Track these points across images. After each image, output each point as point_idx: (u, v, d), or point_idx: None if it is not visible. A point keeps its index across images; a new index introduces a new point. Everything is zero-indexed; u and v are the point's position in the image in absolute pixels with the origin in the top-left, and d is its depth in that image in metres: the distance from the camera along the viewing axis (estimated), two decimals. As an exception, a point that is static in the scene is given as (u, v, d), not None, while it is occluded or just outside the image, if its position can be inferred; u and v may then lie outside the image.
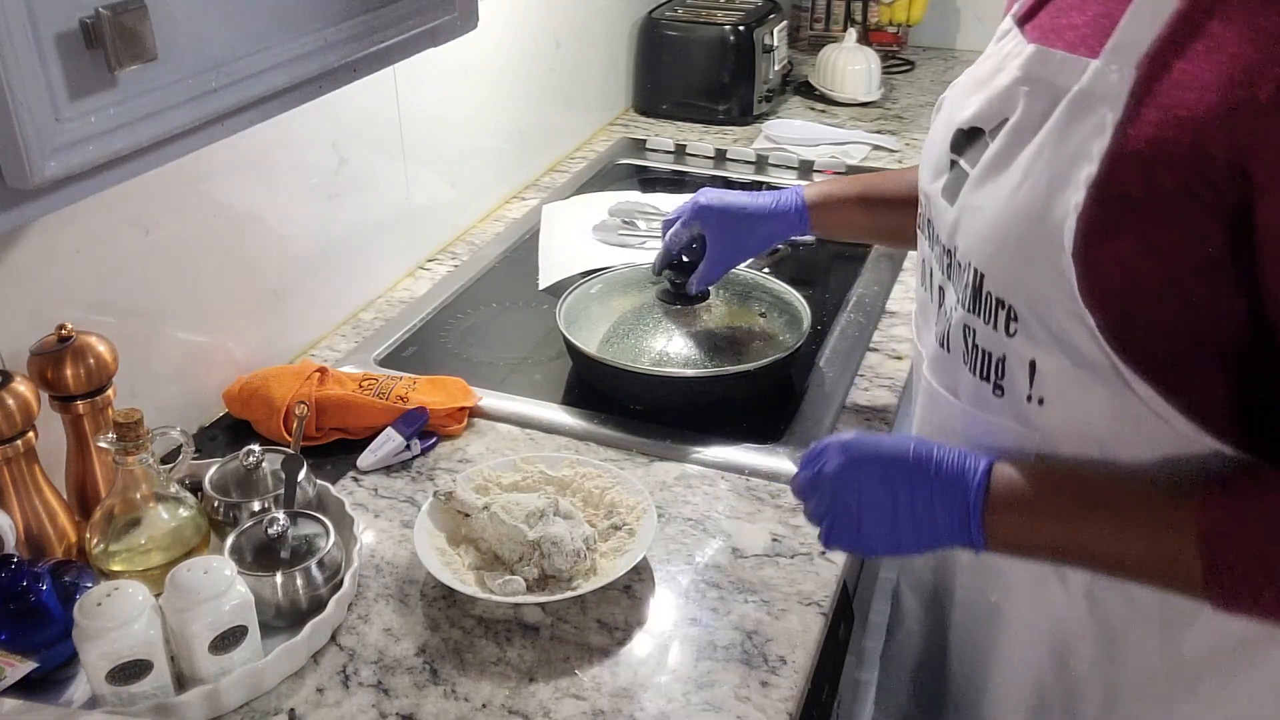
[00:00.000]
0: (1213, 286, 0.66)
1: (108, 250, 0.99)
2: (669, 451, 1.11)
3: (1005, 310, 0.74)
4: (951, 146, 0.82)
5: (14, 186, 0.59)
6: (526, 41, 1.74)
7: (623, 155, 1.97)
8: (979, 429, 0.80)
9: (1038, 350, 0.73)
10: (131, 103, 0.63)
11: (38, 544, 0.87)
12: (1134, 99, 0.66)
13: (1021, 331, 0.73)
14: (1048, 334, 0.72)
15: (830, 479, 0.79)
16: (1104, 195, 0.67)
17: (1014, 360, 0.75)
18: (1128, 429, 0.71)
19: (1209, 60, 0.63)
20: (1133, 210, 0.66)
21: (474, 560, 0.94)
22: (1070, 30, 0.73)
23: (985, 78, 0.81)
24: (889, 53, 2.48)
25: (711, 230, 1.19)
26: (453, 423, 1.14)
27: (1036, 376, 0.74)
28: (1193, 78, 0.64)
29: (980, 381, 0.79)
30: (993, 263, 0.75)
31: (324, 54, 0.78)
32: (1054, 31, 0.75)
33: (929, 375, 0.87)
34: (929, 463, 0.76)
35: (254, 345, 1.21)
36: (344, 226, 1.35)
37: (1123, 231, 0.67)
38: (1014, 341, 0.74)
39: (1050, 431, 0.75)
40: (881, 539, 0.78)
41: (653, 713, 0.81)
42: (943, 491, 0.75)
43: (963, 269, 0.78)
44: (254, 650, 0.82)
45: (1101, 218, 0.67)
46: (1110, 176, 0.66)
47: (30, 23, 0.56)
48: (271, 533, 0.88)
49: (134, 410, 0.83)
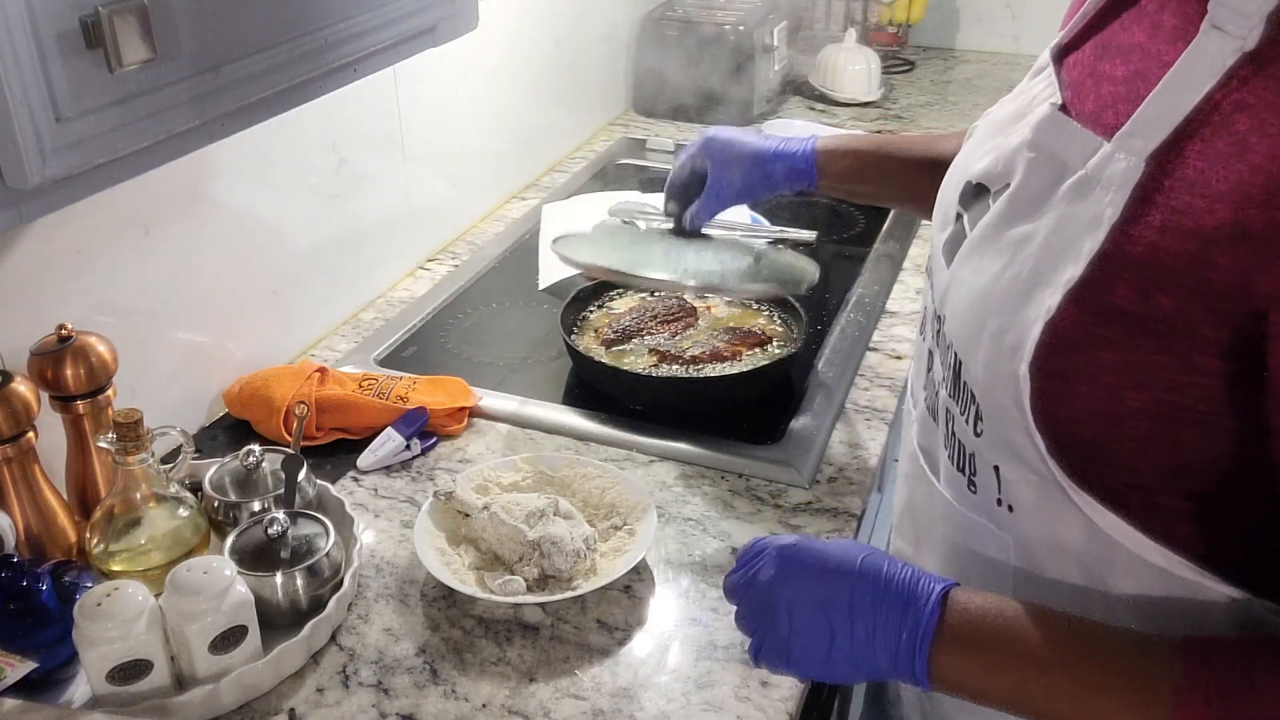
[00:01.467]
0: (1196, 424, 0.58)
1: (108, 250, 0.99)
2: (669, 451, 1.11)
3: (975, 405, 0.67)
4: (959, 198, 0.75)
5: (14, 186, 0.59)
6: (526, 41, 1.74)
7: (623, 155, 1.97)
8: (958, 523, 0.73)
9: (1001, 457, 0.66)
10: (131, 103, 0.63)
11: (38, 544, 0.87)
12: (1138, 196, 0.57)
13: (987, 433, 0.67)
14: (1006, 443, 0.65)
15: (761, 590, 0.70)
16: (1083, 303, 0.59)
17: (981, 461, 0.69)
18: (1103, 552, 0.64)
19: (1229, 166, 0.54)
20: (1114, 326, 0.58)
21: (474, 560, 0.94)
22: (1107, 83, 0.64)
23: (1007, 122, 0.72)
24: (889, 53, 2.48)
25: (714, 164, 1.12)
26: (453, 423, 1.14)
27: (1002, 482, 0.67)
28: (1208, 183, 0.55)
29: (957, 472, 0.72)
30: (966, 350, 0.68)
31: (324, 54, 0.78)
32: (1091, 78, 0.65)
33: (916, 440, 0.81)
34: (876, 584, 0.66)
35: (254, 345, 1.21)
36: (344, 226, 1.35)
37: (1097, 349, 0.59)
38: (980, 442, 0.68)
39: (1024, 541, 0.68)
40: (812, 667, 0.68)
41: (653, 713, 0.81)
42: (887, 620, 0.65)
43: (947, 345, 0.71)
44: (254, 650, 0.82)
45: (1075, 329, 0.59)
46: (1095, 282, 0.58)
47: (30, 23, 0.56)
48: (271, 533, 0.88)
49: (134, 410, 0.83)
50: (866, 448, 1.12)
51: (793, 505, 1.03)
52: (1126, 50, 0.64)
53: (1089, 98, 0.65)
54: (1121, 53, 0.64)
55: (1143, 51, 0.62)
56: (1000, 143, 0.71)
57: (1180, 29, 0.59)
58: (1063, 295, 0.59)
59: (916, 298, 1.44)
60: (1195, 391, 0.57)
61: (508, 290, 1.47)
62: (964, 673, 0.64)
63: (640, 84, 2.16)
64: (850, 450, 1.12)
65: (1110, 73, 0.64)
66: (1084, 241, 0.59)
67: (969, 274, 0.68)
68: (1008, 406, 0.63)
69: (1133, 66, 0.62)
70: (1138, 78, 0.61)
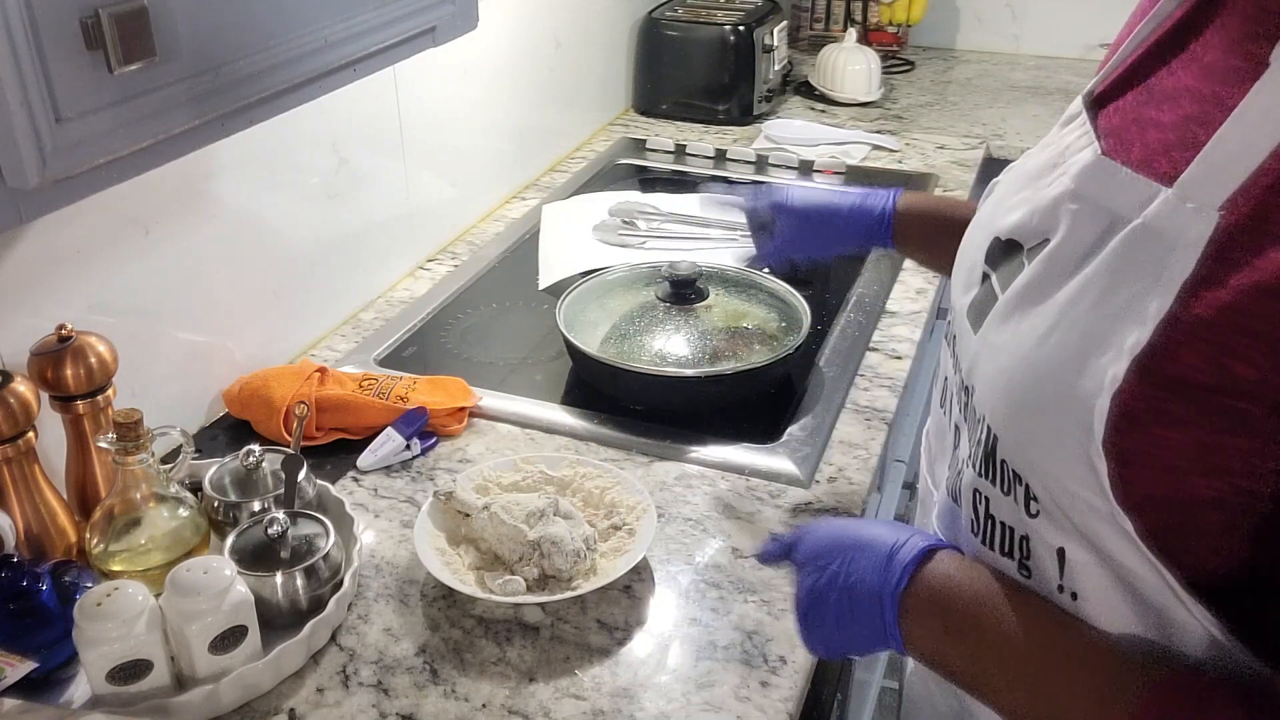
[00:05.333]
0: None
1: (108, 250, 0.99)
2: (669, 451, 1.11)
3: (1023, 486, 0.60)
4: (986, 257, 0.68)
5: (14, 186, 0.59)
6: (526, 41, 1.74)
7: (623, 155, 1.97)
8: None
9: (1066, 540, 0.58)
10: (131, 103, 0.63)
11: (38, 544, 0.87)
12: (1213, 251, 0.50)
13: (1044, 515, 0.59)
14: (1074, 527, 0.57)
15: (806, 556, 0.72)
16: (1153, 374, 0.52)
17: (1038, 544, 0.61)
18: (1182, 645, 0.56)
19: None
20: (1182, 401, 0.51)
21: (474, 560, 0.94)
22: (1154, 129, 0.58)
23: (1037, 174, 0.65)
24: (889, 53, 2.48)
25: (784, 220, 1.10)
26: (453, 423, 1.14)
27: (1067, 567, 0.59)
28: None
29: (1002, 558, 0.64)
30: (1007, 427, 0.60)
31: (324, 54, 0.79)
32: (1135, 125, 0.59)
33: (938, 528, 0.75)
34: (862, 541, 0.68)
35: (254, 345, 1.21)
36: (344, 226, 1.35)
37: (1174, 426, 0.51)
38: (1036, 523, 0.60)
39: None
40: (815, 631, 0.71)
41: (653, 713, 0.81)
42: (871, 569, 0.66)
43: (978, 419, 0.64)
44: (254, 650, 0.82)
45: (1147, 403, 0.52)
46: (1165, 351, 0.51)
47: (30, 23, 0.56)
48: (271, 533, 0.88)
49: (134, 410, 0.83)
50: (866, 448, 1.12)
51: (793, 505, 1.03)
52: (1175, 95, 0.58)
53: (1134, 146, 0.58)
54: (1170, 98, 0.58)
55: (1195, 95, 0.56)
56: (1032, 195, 0.64)
57: (1243, 70, 0.54)
58: (1128, 363, 0.52)
59: (916, 298, 1.44)
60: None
61: (508, 290, 1.47)
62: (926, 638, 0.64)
63: (640, 84, 2.17)
64: (850, 450, 1.12)
65: (1158, 119, 0.58)
66: (1149, 302, 0.52)
67: (1005, 339, 0.61)
68: (1078, 492, 0.56)
69: (1183, 111, 0.56)
70: (1192, 122, 0.55)
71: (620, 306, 1.26)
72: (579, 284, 1.30)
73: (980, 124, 2.12)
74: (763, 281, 1.30)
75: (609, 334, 1.21)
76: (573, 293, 1.28)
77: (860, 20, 2.50)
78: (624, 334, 1.21)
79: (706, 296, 1.24)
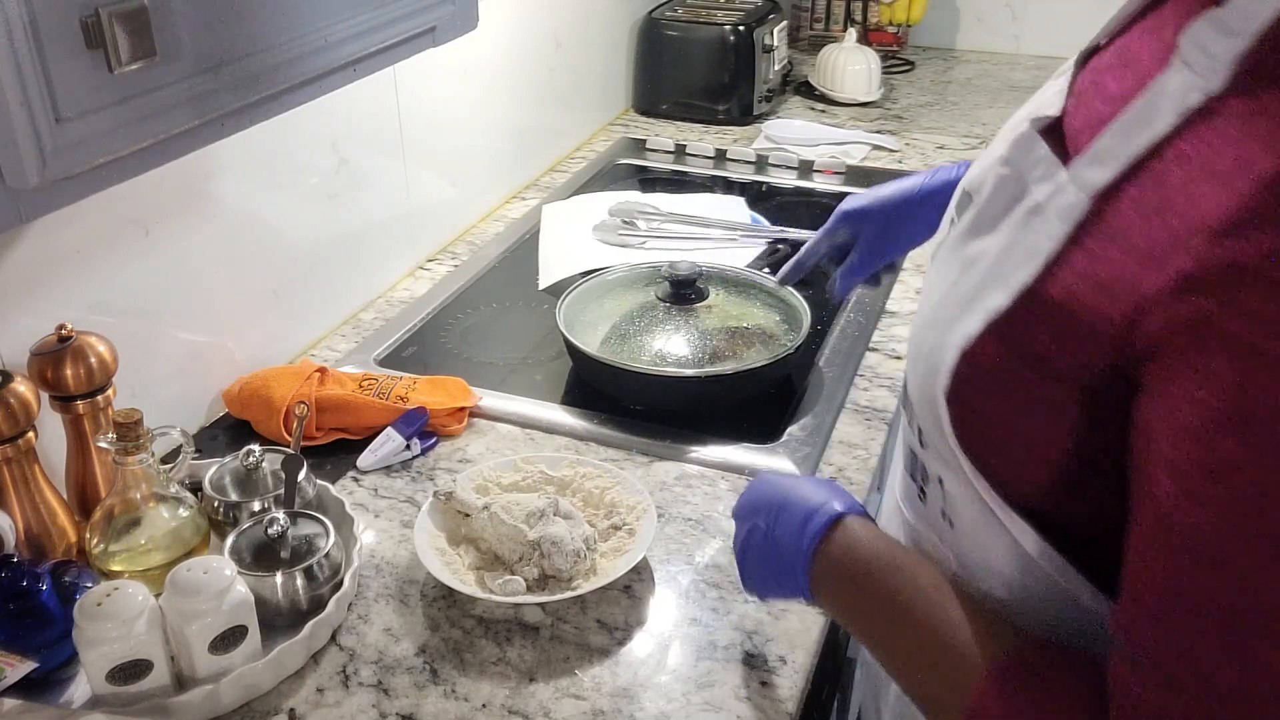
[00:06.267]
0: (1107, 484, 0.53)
1: (108, 250, 0.99)
2: (669, 451, 1.11)
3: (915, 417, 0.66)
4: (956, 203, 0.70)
5: (14, 186, 0.59)
6: (526, 41, 1.74)
7: (623, 155, 1.97)
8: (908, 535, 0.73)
9: (944, 470, 0.64)
10: (131, 103, 0.63)
11: (38, 544, 0.87)
12: (1075, 235, 0.53)
13: (929, 447, 0.65)
14: (941, 458, 0.63)
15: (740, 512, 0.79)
16: (1003, 339, 0.55)
17: (930, 472, 0.67)
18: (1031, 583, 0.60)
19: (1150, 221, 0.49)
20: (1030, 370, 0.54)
21: (474, 560, 0.94)
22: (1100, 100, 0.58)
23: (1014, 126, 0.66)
24: (889, 53, 2.48)
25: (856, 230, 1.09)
26: (453, 423, 1.14)
27: (945, 495, 0.65)
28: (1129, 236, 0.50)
29: (909, 479, 0.71)
30: (909, 364, 0.66)
31: (324, 54, 0.79)
32: (1093, 90, 0.59)
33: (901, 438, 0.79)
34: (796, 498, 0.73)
35: (254, 345, 1.21)
36: (344, 226, 1.35)
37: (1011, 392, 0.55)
38: (925, 454, 0.66)
39: (963, 558, 0.65)
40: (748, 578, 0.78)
41: (653, 713, 0.81)
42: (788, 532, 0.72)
43: None
44: (254, 650, 0.82)
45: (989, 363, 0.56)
46: (1013, 318, 0.55)
47: (30, 22, 0.56)
48: (271, 533, 0.88)
49: (134, 410, 0.83)
50: (866, 448, 1.12)
51: (793, 505, 1.03)
52: (1133, 64, 0.57)
53: (1080, 113, 0.59)
54: (1129, 66, 0.57)
55: (1138, 70, 0.55)
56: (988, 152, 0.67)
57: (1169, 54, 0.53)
58: (982, 324, 0.56)
59: (916, 298, 1.44)
60: (1080, 448, 0.53)
61: (508, 290, 1.47)
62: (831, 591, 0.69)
63: (640, 84, 2.17)
64: (850, 450, 1.12)
65: (1107, 89, 0.58)
66: (1018, 272, 0.55)
67: (930, 283, 0.66)
68: (932, 428, 0.62)
69: (1125, 86, 0.56)
70: (1123, 100, 0.54)
71: (620, 306, 1.26)
72: (579, 284, 1.30)
73: (980, 124, 2.12)
74: (763, 282, 1.30)
75: (609, 334, 1.21)
76: (573, 293, 1.28)
77: (860, 20, 2.50)
78: (624, 334, 1.21)
79: (706, 296, 1.24)
